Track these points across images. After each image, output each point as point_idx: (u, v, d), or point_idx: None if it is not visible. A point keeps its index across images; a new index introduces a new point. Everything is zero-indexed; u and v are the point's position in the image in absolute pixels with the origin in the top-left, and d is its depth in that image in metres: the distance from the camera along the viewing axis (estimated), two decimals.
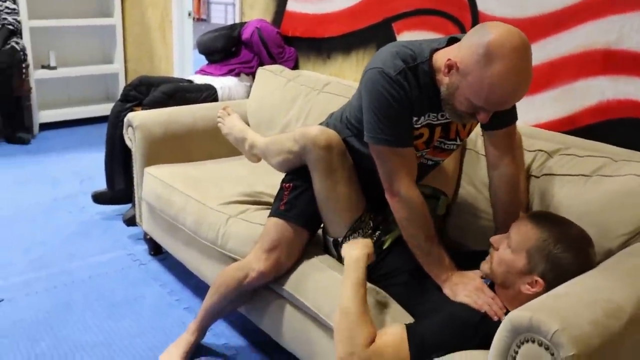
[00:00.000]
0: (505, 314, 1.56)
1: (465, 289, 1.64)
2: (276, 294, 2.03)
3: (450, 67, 1.58)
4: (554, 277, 1.49)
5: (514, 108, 1.80)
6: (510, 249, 1.57)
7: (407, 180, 1.71)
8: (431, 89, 1.67)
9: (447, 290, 1.68)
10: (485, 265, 1.64)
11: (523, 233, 1.56)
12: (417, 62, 1.67)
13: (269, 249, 1.95)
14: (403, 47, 1.70)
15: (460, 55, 1.56)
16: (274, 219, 1.99)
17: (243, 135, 2.31)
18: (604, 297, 1.35)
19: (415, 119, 1.72)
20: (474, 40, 1.52)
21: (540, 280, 1.50)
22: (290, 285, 1.95)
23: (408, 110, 1.69)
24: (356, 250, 1.76)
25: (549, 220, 1.58)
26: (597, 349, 1.24)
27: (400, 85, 1.64)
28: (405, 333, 1.55)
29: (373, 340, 1.55)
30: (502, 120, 1.78)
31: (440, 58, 1.64)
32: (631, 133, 2.00)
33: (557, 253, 1.50)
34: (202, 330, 2.19)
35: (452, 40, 1.67)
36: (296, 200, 1.97)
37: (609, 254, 1.67)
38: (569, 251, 1.50)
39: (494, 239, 1.64)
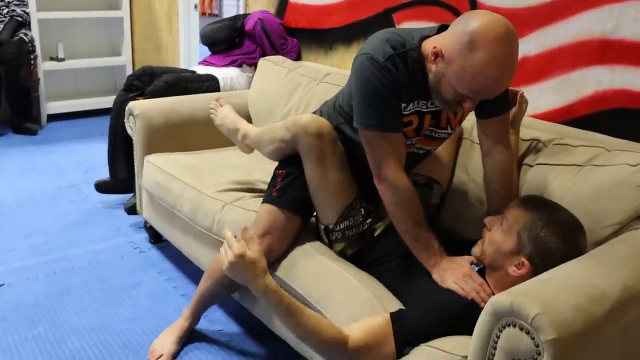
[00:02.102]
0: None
1: (453, 274, 1.64)
2: None
3: (436, 54, 1.59)
4: (540, 260, 1.50)
5: (506, 97, 1.80)
6: (502, 229, 1.58)
7: (395, 165, 1.71)
8: (420, 76, 1.68)
9: (435, 276, 1.68)
10: (476, 248, 1.65)
11: (515, 214, 1.57)
12: (406, 49, 1.67)
13: (261, 234, 1.96)
14: (393, 34, 1.70)
15: (445, 43, 1.57)
16: (267, 206, 2.00)
17: (235, 126, 2.32)
18: (589, 283, 1.35)
19: (403, 105, 1.72)
20: (458, 29, 1.53)
21: (526, 262, 1.51)
22: (281, 271, 1.95)
23: (396, 96, 1.69)
24: (257, 285, 1.61)
25: (541, 204, 1.60)
26: (578, 334, 1.24)
27: (388, 70, 1.65)
28: (390, 322, 1.56)
29: (345, 336, 1.54)
30: (494, 109, 1.78)
31: (429, 46, 1.64)
32: (626, 123, 1.98)
33: (544, 236, 1.51)
34: (196, 315, 2.20)
35: (442, 28, 1.68)
36: (288, 187, 1.98)
37: (599, 243, 1.66)
38: (556, 235, 1.51)
39: (488, 220, 1.66)
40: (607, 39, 1.99)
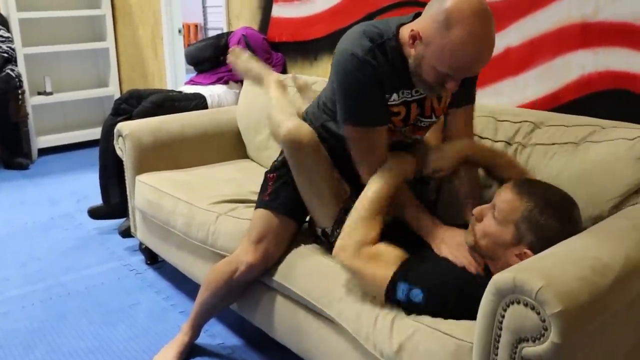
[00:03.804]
0: (486, 273, 1.55)
1: (448, 245, 1.65)
2: (266, 287, 2.01)
3: (414, 37, 1.59)
4: (542, 246, 1.46)
5: (472, 89, 1.82)
6: (495, 220, 1.54)
7: (373, 164, 1.74)
8: (401, 65, 1.67)
9: (434, 247, 1.68)
10: (469, 238, 1.62)
11: (509, 203, 1.52)
12: (384, 39, 1.67)
13: (256, 240, 1.94)
14: (370, 26, 1.70)
15: (422, 26, 1.57)
16: (260, 210, 1.98)
17: (260, 82, 2.35)
18: (591, 256, 1.33)
19: (387, 96, 1.71)
20: (433, 10, 1.54)
21: (528, 251, 1.47)
22: (279, 275, 1.93)
23: (378, 89, 1.68)
24: (400, 164, 1.74)
25: (533, 188, 1.55)
26: (585, 306, 1.21)
27: (368, 63, 1.64)
28: (403, 257, 1.59)
29: (369, 242, 1.60)
30: (459, 98, 1.81)
31: (406, 31, 1.64)
32: (614, 105, 1.98)
33: (543, 223, 1.47)
34: (196, 329, 2.16)
35: (418, 15, 1.68)
36: (280, 190, 1.96)
37: (600, 218, 1.65)
38: (554, 218, 1.48)
39: (477, 210, 1.61)
40: (588, 22, 2.00)
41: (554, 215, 1.49)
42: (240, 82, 3.37)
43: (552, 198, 1.53)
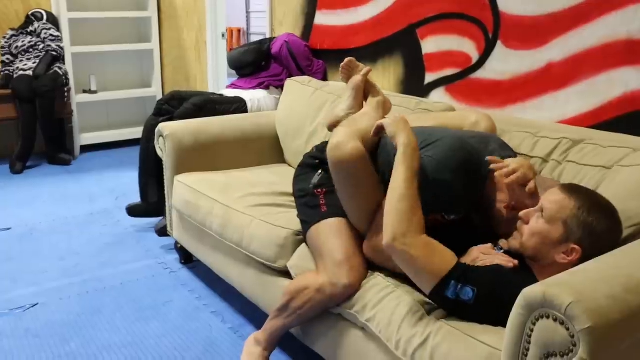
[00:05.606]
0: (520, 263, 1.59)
1: (475, 257, 1.66)
2: None
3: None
4: (590, 243, 1.49)
5: None
6: (543, 219, 1.56)
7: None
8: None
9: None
10: (514, 242, 1.63)
11: (558, 203, 1.55)
12: (477, 172, 1.79)
13: (344, 258, 1.85)
14: (474, 163, 1.80)
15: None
16: (324, 223, 1.94)
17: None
18: (624, 274, 1.32)
19: (444, 214, 1.82)
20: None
21: (577, 247, 1.50)
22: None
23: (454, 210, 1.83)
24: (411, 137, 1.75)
25: (580, 191, 1.58)
26: (615, 324, 1.20)
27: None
28: (455, 258, 1.60)
29: (424, 231, 1.62)
30: None
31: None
32: None
33: (592, 220, 1.50)
34: (275, 345, 2.08)
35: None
36: (333, 199, 1.94)
37: (622, 243, 1.61)
38: (603, 218, 1.51)
39: (523, 213, 1.62)
40: (634, 39, 1.98)
41: (602, 214, 1.52)
42: (280, 87, 3.40)
43: (599, 199, 1.56)
